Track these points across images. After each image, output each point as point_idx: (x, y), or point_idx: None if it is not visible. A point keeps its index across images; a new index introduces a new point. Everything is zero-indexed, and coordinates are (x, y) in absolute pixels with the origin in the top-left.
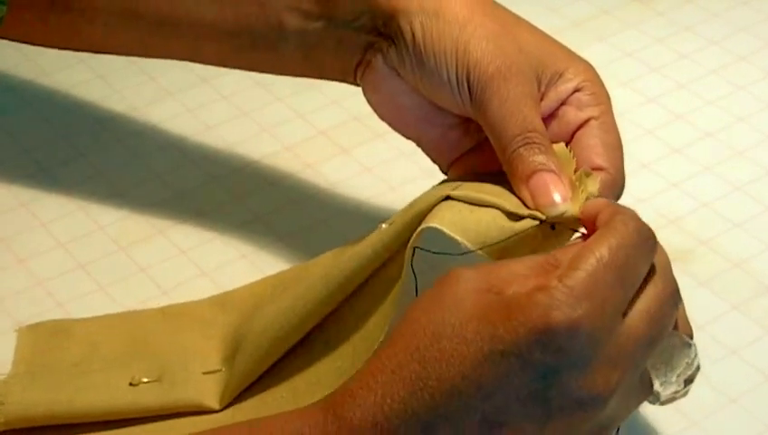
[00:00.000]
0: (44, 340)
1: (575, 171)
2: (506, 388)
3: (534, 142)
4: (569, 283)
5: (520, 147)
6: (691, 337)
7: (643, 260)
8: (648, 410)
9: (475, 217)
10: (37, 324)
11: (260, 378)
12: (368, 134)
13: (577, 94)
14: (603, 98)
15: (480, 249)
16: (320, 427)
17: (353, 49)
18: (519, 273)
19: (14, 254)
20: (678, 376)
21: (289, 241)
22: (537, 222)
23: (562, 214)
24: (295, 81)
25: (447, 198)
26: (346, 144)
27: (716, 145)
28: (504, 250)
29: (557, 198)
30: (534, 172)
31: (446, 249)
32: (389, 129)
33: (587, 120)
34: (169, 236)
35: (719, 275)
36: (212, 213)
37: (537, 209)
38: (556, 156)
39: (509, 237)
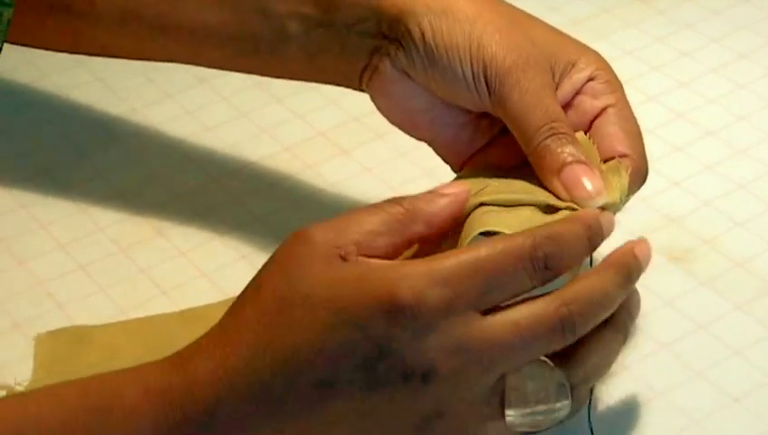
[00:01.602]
0: (63, 347)
1: (604, 161)
2: (344, 354)
3: (560, 132)
4: (432, 265)
5: (546, 138)
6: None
7: (525, 274)
8: (648, 408)
9: (514, 216)
10: (56, 331)
11: None
12: (367, 135)
13: (591, 83)
14: (617, 86)
15: None
16: (165, 378)
17: (358, 53)
18: (372, 230)
19: (14, 255)
20: (529, 415)
21: None
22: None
23: (599, 206)
24: (295, 81)
25: (481, 204)
26: (345, 145)
27: (718, 143)
28: None
29: (591, 188)
30: (565, 164)
31: None
32: (389, 129)
33: (604, 109)
34: (169, 238)
35: (721, 274)
36: (212, 214)
37: (573, 202)
38: (581, 145)
39: None
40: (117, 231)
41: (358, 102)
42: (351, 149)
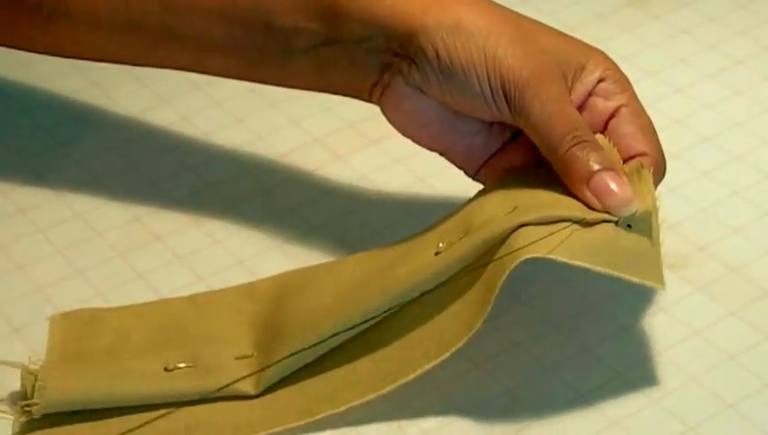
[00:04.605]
0: (76, 328)
1: (624, 162)
2: None
3: (585, 140)
4: None
5: (572, 147)
6: None
7: None
8: (643, 413)
9: (556, 237)
10: (69, 313)
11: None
12: (362, 141)
13: (602, 84)
14: (627, 84)
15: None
16: None
17: (367, 70)
18: None
19: (13, 260)
20: None
21: (285, 248)
22: (613, 224)
23: (634, 213)
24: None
25: (522, 225)
26: (340, 151)
27: (714, 150)
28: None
29: (623, 196)
30: (593, 173)
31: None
32: (384, 135)
33: (617, 109)
34: (166, 243)
35: (716, 280)
36: (208, 220)
37: (606, 211)
38: (605, 151)
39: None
40: (115, 236)
41: (353, 109)
42: (346, 155)
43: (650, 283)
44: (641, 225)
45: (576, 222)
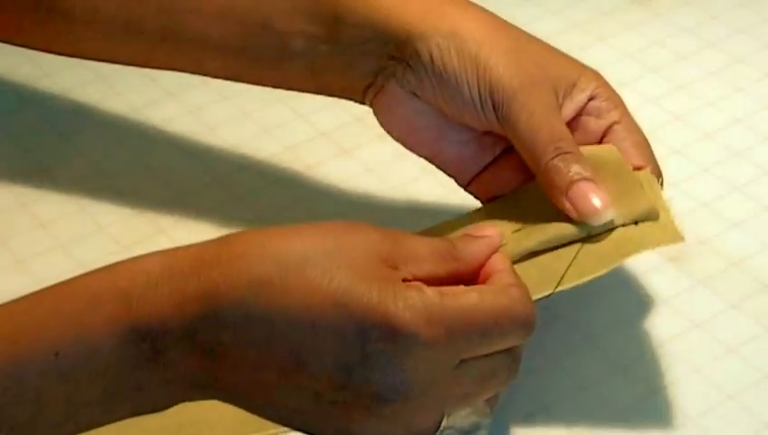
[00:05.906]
0: None
1: (634, 169)
2: (332, 342)
3: (567, 152)
4: (445, 303)
5: (554, 158)
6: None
7: (512, 337)
8: (643, 404)
9: (565, 265)
10: None
11: None
12: (368, 135)
13: (593, 103)
14: (618, 100)
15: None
16: (150, 289)
17: (363, 72)
18: (419, 255)
19: (14, 254)
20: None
21: None
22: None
23: (608, 221)
24: None
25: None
26: (347, 145)
27: (715, 146)
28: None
29: (598, 204)
30: (572, 182)
31: None
32: None
33: (610, 126)
34: (170, 237)
35: (717, 274)
36: (213, 214)
37: (581, 219)
38: (588, 162)
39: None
40: (118, 230)
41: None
42: (352, 149)
43: (667, 244)
44: (647, 225)
45: (582, 239)
